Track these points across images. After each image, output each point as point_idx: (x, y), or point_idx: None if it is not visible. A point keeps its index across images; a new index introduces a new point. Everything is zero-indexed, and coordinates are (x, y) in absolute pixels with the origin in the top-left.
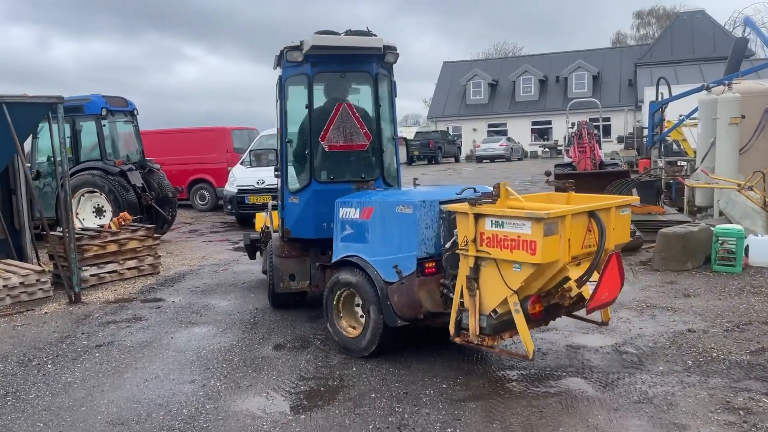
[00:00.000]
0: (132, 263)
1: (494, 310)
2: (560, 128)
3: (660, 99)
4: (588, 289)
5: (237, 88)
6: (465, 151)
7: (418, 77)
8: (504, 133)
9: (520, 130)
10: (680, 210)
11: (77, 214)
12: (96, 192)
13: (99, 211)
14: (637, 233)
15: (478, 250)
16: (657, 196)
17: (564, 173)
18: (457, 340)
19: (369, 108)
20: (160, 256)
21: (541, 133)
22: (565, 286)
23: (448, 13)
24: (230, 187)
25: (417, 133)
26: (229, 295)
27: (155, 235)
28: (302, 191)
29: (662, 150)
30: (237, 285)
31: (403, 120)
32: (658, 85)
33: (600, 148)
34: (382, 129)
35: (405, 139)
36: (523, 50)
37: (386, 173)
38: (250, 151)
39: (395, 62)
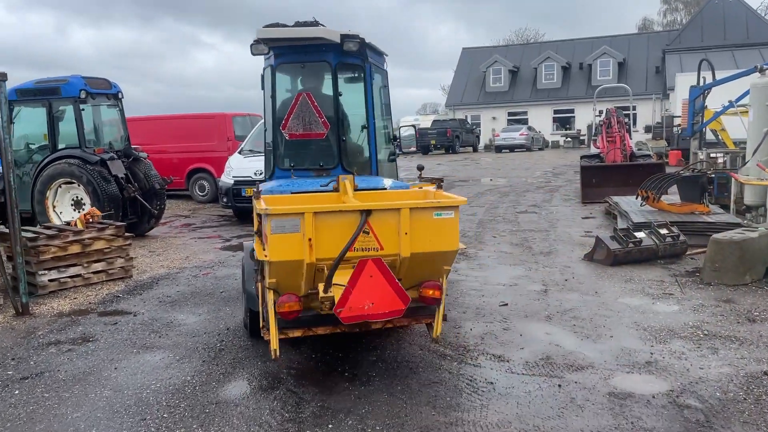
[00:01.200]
0: (99, 266)
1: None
2: (583, 117)
3: (702, 84)
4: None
5: (254, 76)
6: (484, 140)
7: (436, 65)
8: (524, 121)
9: (541, 119)
10: (724, 208)
11: (54, 207)
12: (74, 183)
13: (78, 204)
14: (681, 237)
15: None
16: (702, 194)
17: (591, 165)
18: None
19: (331, 97)
20: (132, 257)
21: (563, 122)
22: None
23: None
24: (226, 179)
25: (434, 121)
26: (201, 309)
27: (127, 234)
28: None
29: (702, 141)
30: (214, 295)
31: (421, 108)
32: (699, 69)
33: (630, 138)
34: (342, 118)
35: (414, 126)
36: (545, 36)
37: (348, 162)
38: (249, 139)
39: (357, 50)
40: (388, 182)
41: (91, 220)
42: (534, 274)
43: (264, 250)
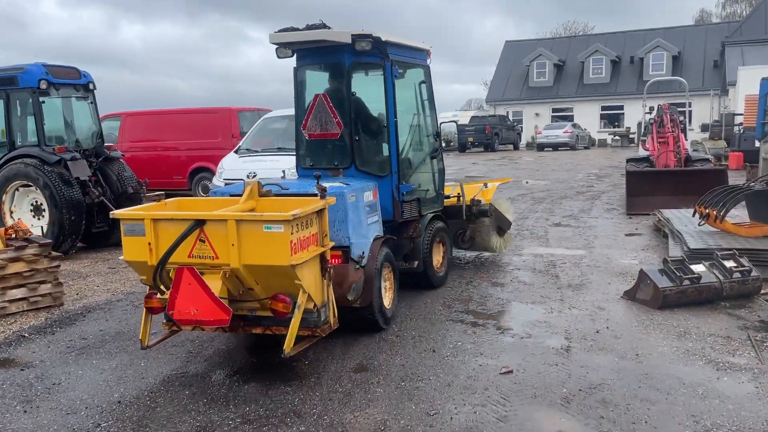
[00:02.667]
0: (18, 293)
1: None
2: (633, 114)
3: None
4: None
5: None
6: (525, 137)
7: (482, 60)
8: (570, 118)
9: (587, 116)
10: None
11: (12, 213)
12: (32, 186)
13: (38, 210)
14: (753, 272)
15: None
16: None
17: (638, 170)
18: None
19: (345, 97)
20: (61, 282)
21: (612, 119)
22: None
23: None
24: (217, 181)
25: (472, 117)
26: (111, 361)
27: (54, 254)
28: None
29: None
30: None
31: (466, 104)
32: None
33: (686, 139)
34: (357, 118)
35: (456, 123)
36: (594, 30)
37: (361, 161)
38: (248, 137)
39: (371, 49)
40: (331, 187)
41: (14, 235)
42: (556, 319)
43: None
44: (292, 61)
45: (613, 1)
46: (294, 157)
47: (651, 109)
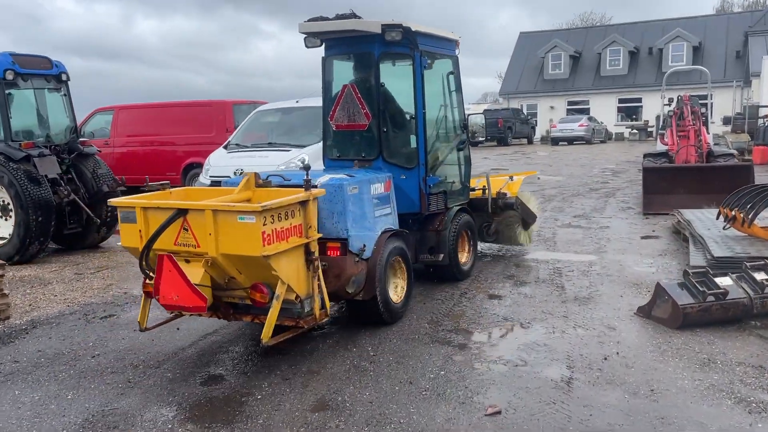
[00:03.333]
0: None
1: None
2: (652, 107)
3: None
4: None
5: (314, 65)
6: (540, 131)
7: (498, 53)
8: (586, 111)
9: (604, 109)
10: None
11: None
12: None
13: (4, 210)
14: None
15: None
16: None
17: (656, 167)
18: None
19: (373, 88)
20: (6, 293)
21: (629, 112)
22: None
23: None
24: (203, 178)
25: (485, 110)
26: (36, 392)
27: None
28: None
29: None
30: (78, 362)
31: (481, 97)
32: None
33: (708, 133)
34: (385, 109)
35: (482, 114)
36: (612, 20)
37: (389, 153)
38: (238, 131)
39: (401, 39)
40: (324, 179)
41: None
42: (558, 341)
43: None
44: (305, 56)
45: None
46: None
47: (670, 100)
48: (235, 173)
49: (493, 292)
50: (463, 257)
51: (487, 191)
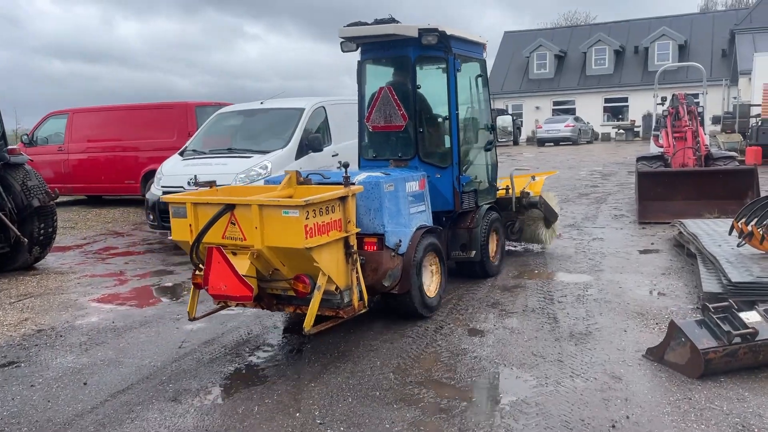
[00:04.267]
0: None
1: None
2: (638, 106)
3: None
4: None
5: (300, 66)
6: (526, 132)
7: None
8: (572, 111)
9: (590, 109)
10: None
11: None
12: None
13: None
14: None
15: None
16: None
17: (652, 171)
18: None
19: (410, 90)
20: None
21: (616, 111)
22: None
23: None
24: (155, 189)
25: None
26: None
27: None
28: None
29: None
30: None
31: None
32: None
33: (705, 134)
34: (421, 110)
35: (513, 116)
36: (597, 19)
37: (425, 153)
38: (197, 135)
39: (436, 43)
40: (361, 177)
41: None
42: (552, 397)
43: None
44: (292, 57)
45: None
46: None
47: (663, 99)
48: (189, 183)
49: (474, 326)
50: (493, 254)
51: (511, 190)
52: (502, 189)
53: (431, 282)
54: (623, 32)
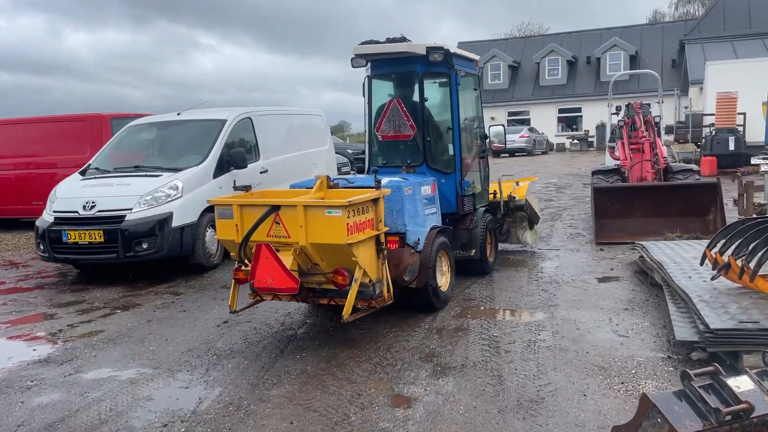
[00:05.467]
0: None
1: None
2: (591, 116)
3: None
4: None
5: (256, 78)
6: None
7: None
8: (526, 122)
9: (544, 119)
10: None
11: None
12: None
13: None
14: None
15: None
16: None
17: (608, 186)
18: None
19: (417, 103)
20: None
21: (569, 122)
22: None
23: None
24: (46, 214)
25: None
26: None
27: None
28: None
29: None
30: None
31: None
32: None
33: (663, 145)
34: (428, 122)
35: (503, 125)
36: (549, 30)
37: (433, 159)
38: (102, 151)
39: (442, 60)
40: (384, 181)
41: None
42: None
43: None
44: (247, 69)
45: (567, 2)
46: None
47: (618, 108)
48: (84, 207)
49: (400, 390)
50: (489, 252)
51: (499, 195)
52: (491, 193)
53: (444, 277)
54: (575, 43)
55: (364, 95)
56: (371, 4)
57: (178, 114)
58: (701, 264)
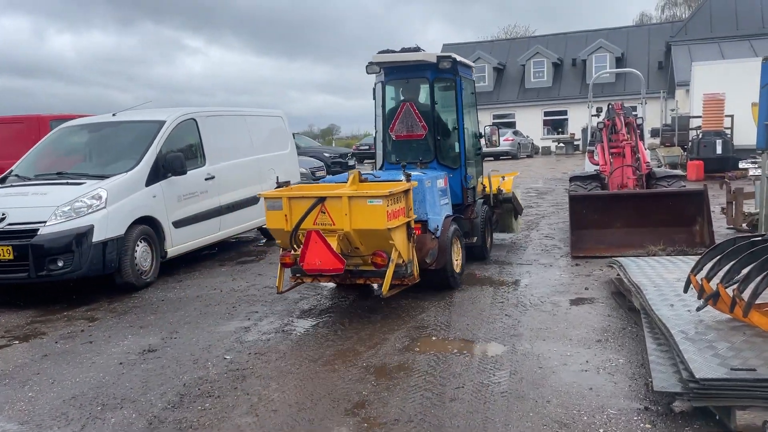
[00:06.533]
0: None
1: None
2: (577, 119)
3: None
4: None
5: (244, 80)
6: None
7: None
8: (512, 125)
9: (530, 122)
10: None
11: None
12: None
13: None
14: None
15: None
16: None
17: (585, 194)
18: None
19: (429, 106)
20: None
21: (555, 125)
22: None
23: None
24: None
25: None
26: None
27: None
28: (380, 171)
29: None
30: None
31: None
32: None
33: (645, 148)
34: (438, 122)
35: (497, 127)
36: (535, 33)
37: (442, 156)
38: (27, 156)
39: (449, 67)
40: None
41: None
42: None
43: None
44: (235, 72)
45: (553, 4)
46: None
47: (598, 110)
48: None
49: None
50: (487, 239)
51: (488, 188)
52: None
53: (457, 260)
54: (561, 45)
55: (374, 99)
56: (360, 7)
57: (114, 115)
58: (685, 291)
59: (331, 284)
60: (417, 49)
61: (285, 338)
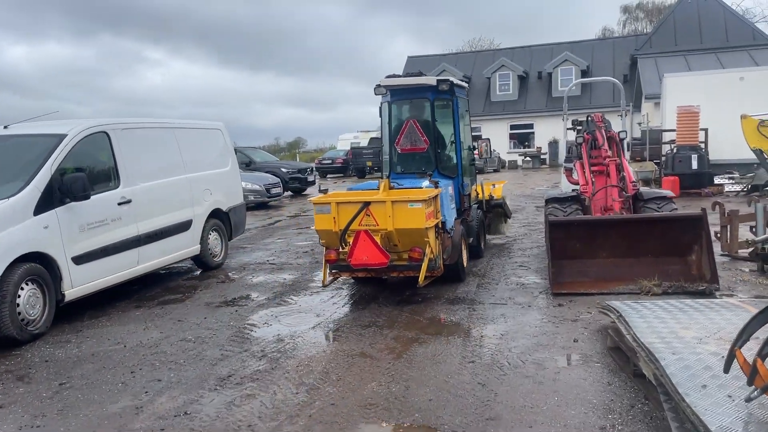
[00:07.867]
0: None
1: None
2: (543, 133)
3: None
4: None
5: (207, 93)
6: None
7: None
8: (477, 138)
9: (496, 135)
10: None
11: None
12: None
13: None
14: None
15: None
16: None
17: (566, 220)
18: None
19: (430, 123)
20: None
21: (522, 138)
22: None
23: (417, 12)
24: None
25: (371, 139)
26: None
27: None
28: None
29: None
30: None
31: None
32: None
33: (629, 166)
34: (438, 137)
35: (488, 140)
36: (500, 46)
37: (442, 167)
38: None
39: (448, 89)
40: (425, 183)
41: None
42: None
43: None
44: (199, 84)
45: (517, 19)
46: None
47: (575, 123)
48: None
49: None
50: (481, 240)
51: (481, 195)
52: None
53: (464, 256)
54: (526, 58)
55: (381, 117)
56: (324, 20)
57: (6, 127)
58: (725, 371)
59: (268, 335)
60: (419, 74)
61: (183, 428)
